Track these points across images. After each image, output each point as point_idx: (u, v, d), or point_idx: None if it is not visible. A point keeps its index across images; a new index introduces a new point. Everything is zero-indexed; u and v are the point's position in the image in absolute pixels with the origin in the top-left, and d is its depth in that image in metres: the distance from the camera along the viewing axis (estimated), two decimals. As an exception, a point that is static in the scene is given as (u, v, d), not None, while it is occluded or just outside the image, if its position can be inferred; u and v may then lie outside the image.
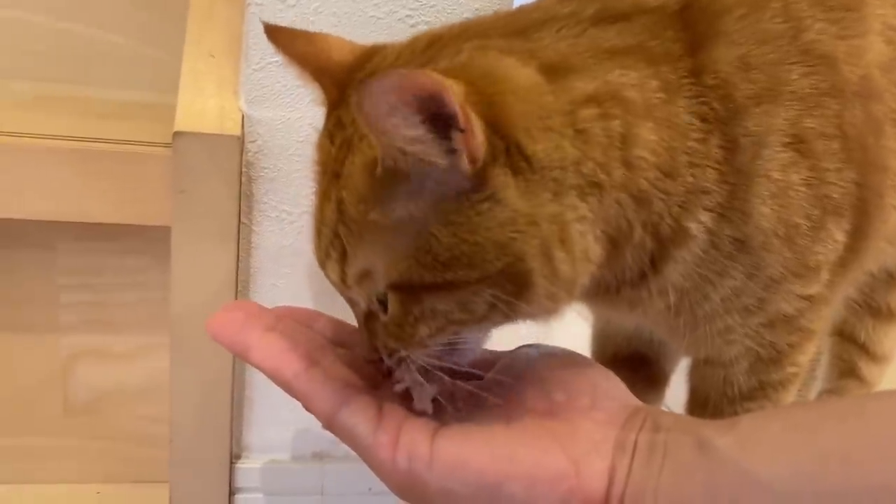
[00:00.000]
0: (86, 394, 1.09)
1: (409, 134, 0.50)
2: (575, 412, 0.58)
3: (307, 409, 0.59)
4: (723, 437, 0.53)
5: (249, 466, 0.98)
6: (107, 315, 1.07)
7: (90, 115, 1.09)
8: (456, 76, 0.52)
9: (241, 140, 0.85)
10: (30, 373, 1.07)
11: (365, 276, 0.56)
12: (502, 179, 0.53)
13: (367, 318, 0.59)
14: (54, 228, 1.01)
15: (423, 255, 0.53)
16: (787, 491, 0.49)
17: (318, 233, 0.58)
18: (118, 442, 1.12)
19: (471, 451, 0.55)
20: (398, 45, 0.61)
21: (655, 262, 0.62)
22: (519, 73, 0.55)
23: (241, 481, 0.98)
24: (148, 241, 1.02)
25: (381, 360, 0.60)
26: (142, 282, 1.06)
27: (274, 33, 0.64)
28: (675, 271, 0.62)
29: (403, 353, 0.58)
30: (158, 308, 1.06)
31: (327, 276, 0.59)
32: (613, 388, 0.61)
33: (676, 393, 0.83)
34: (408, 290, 0.55)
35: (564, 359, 0.63)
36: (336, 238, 0.56)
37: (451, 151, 0.51)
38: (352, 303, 0.60)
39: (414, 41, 0.60)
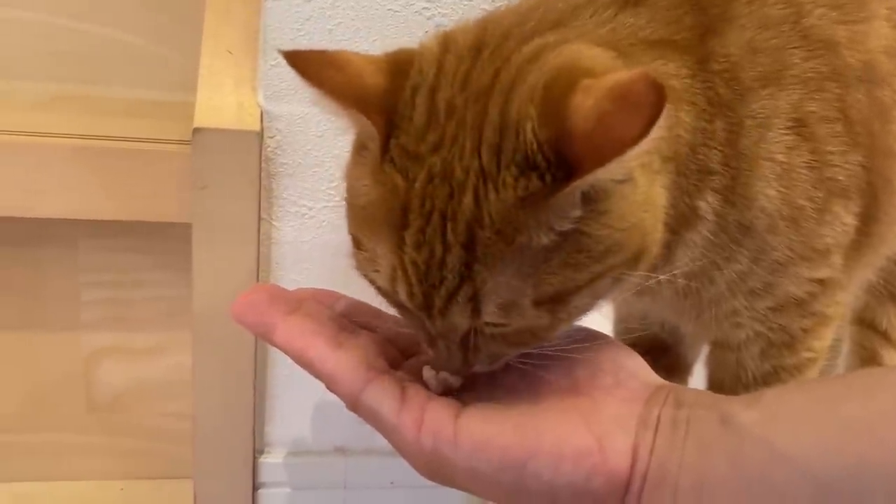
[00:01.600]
0: (108, 391, 1.10)
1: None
2: (598, 390, 0.58)
3: (331, 390, 0.59)
4: (746, 411, 0.53)
5: (272, 461, 0.98)
6: (128, 312, 1.08)
7: (107, 115, 1.09)
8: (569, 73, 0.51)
9: (260, 135, 0.86)
10: (52, 370, 1.09)
11: (509, 308, 0.53)
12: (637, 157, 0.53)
13: (465, 336, 0.56)
14: (75, 226, 1.02)
15: (575, 256, 0.52)
16: (811, 463, 0.49)
17: (434, 281, 0.53)
18: (141, 438, 1.13)
19: (494, 429, 0.55)
20: (430, 55, 0.57)
21: (668, 246, 0.62)
22: (596, 54, 0.55)
23: (264, 476, 0.98)
24: (168, 238, 1.03)
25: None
26: (163, 279, 1.07)
27: (297, 61, 0.56)
28: (685, 256, 0.63)
29: (511, 357, 0.57)
30: (180, 304, 1.06)
31: (446, 322, 0.54)
32: (636, 366, 0.61)
33: (697, 382, 0.83)
34: (558, 299, 0.53)
35: (585, 338, 0.62)
36: (466, 281, 0.52)
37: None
38: (445, 326, 0.55)
39: (447, 47, 0.57)
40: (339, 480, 1.00)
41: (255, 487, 0.98)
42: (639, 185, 0.54)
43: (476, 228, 0.51)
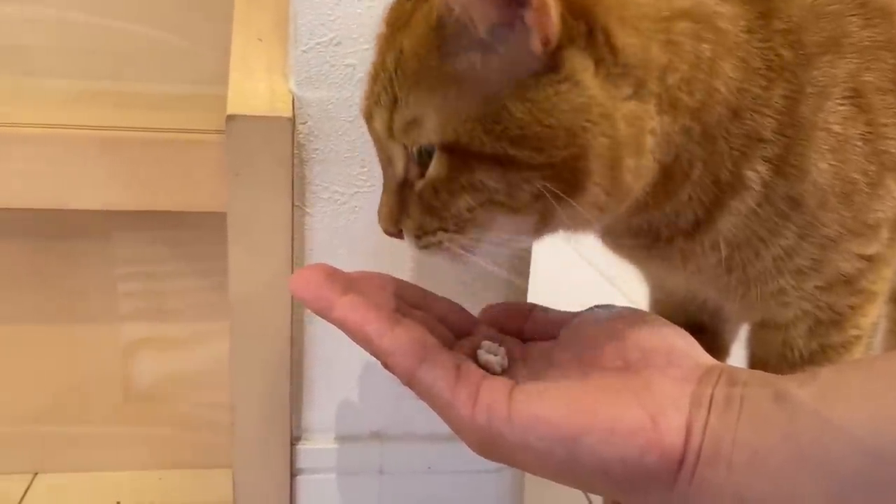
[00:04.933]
0: (146, 381, 1.11)
1: None
2: (650, 369, 0.58)
3: (387, 366, 0.59)
4: (802, 388, 0.52)
5: (310, 448, 0.98)
6: (165, 303, 1.08)
7: (138, 109, 1.10)
8: None
9: (292, 121, 0.86)
10: (90, 362, 1.09)
11: (413, 124, 0.56)
12: (580, 62, 0.53)
13: (401, 186, 0.59)
14: (110, 218, 1.02)
15: (490, 122, 0.53)
16: (868, 436, 0.48)
17: (373, 78, 0.60)
18: (178, 428, 1.13)
19: (548, 406, 0.55)
20: None
21: (710, 211, 0.62)
22: None
23: (302, 462, 0.98)
24: (203, 227, 1.03)
25: (399, 232, 0.61)
26: (198, 269, 1.07)
27: None
28: (729, 223, 0.62)
29: (435, 238, 0.58)
30: (216, 294, 1.07)
31: (372, 126, 0.60)
32: (688, 346, 0.61)
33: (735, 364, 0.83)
34: (462, 155, 0.55)
35: (637, 318, 0.62)
36: (390, 84, 0.57)
37: (509, 26, 0.52)
38: (388, 163, 0.60)
39: None
40: (376, 466, 1.00)
41: (293, 474, 0.98)
42: (584, 88, 0.53)
43: (405, 38, 0.56)
